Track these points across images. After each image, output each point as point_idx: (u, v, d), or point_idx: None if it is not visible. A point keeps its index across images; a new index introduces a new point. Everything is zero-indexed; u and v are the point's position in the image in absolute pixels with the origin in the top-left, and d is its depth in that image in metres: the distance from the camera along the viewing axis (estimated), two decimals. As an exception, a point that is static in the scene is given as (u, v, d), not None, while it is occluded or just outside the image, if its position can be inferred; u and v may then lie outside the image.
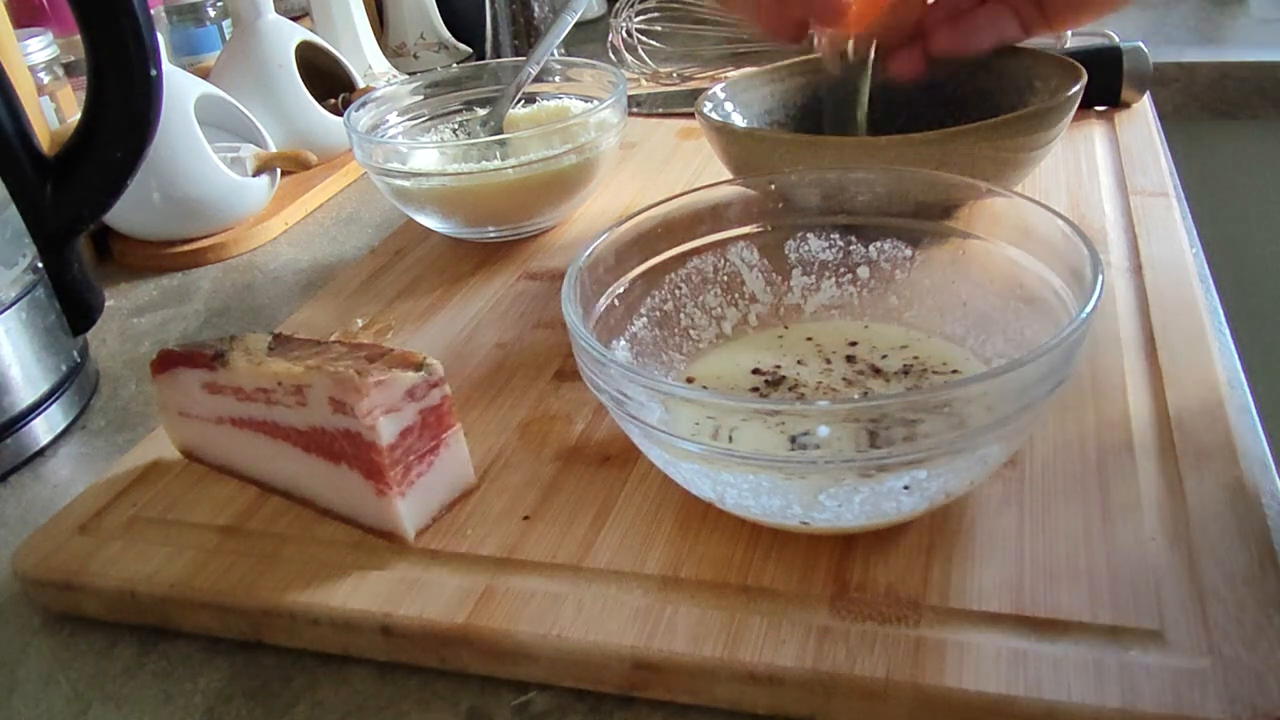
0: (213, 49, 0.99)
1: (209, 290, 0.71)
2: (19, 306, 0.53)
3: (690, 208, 0.46)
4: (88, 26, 0.53)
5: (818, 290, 0.48)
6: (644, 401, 0.35)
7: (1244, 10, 1.07)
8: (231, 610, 0.39)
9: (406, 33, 1.14)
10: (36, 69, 0.77)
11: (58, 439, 0.55)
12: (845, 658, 0.33)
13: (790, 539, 0.38)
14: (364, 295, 0.62)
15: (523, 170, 0.61)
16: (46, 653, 0.40)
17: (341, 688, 0.37)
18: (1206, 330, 0.47)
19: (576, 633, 0.35)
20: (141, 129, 0.55)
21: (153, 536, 0.42)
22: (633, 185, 0.74)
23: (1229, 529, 0.36)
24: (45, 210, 0.55)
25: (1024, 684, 0.31)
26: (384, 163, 0.63)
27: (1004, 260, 0.43)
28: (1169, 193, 0.62)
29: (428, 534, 0.40)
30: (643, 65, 0.96)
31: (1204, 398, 0.42)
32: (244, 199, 0.75)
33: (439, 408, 0.40)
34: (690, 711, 0.34)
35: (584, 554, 0.38)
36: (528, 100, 0.73)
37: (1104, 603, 0.33)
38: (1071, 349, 0.34)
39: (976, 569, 0.35)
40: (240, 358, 0.42)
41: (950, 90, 0.64)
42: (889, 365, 0.44)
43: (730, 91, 0.63)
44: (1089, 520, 0.37)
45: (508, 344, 0.54)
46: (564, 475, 0.43)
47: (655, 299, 0.46)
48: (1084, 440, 0.41)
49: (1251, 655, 0.31)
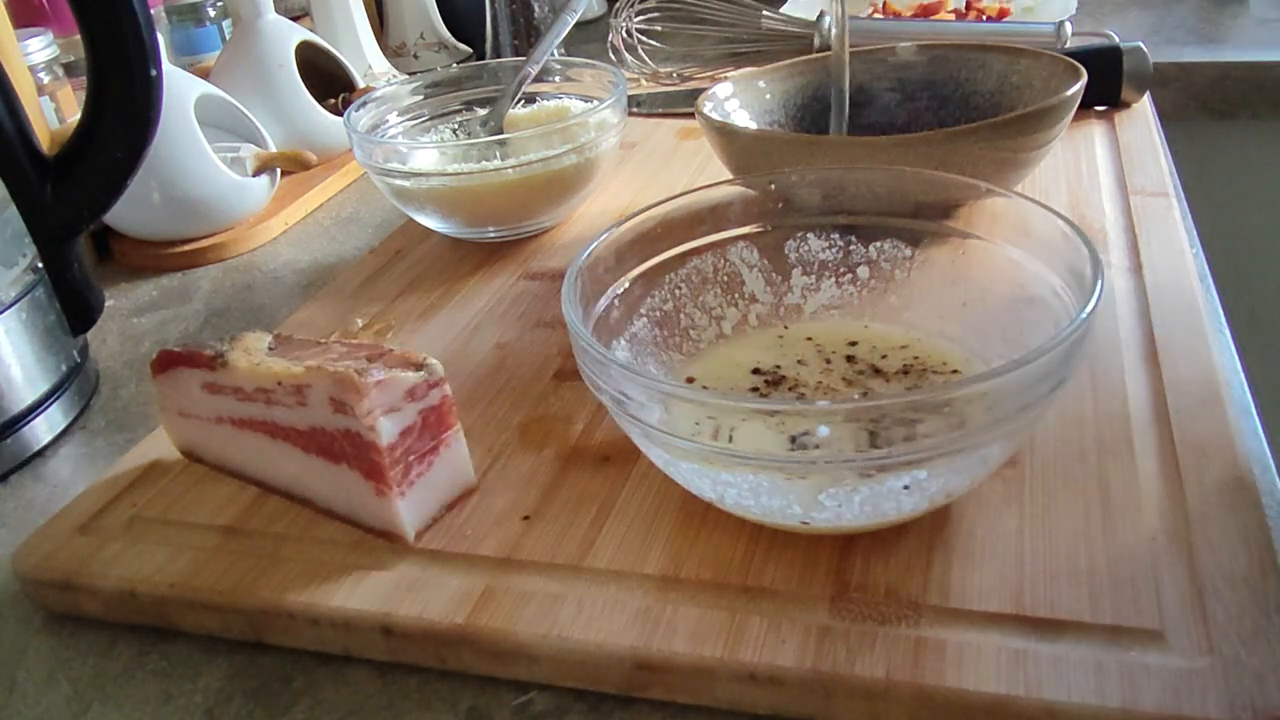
0: (213, 49, 0.99)
1: (209, 290, 0.71)
2: (19, 306, 0.53)
3: (690, 208, 0.46)
4: (88, 26, 0.53)
5: (818, 290, 0.48)
6: (644, 401, 0.35)
7: (1244, 10, 1.07)
8: (231, 610, 0.39)
9: (406, 33, 1.14)
10: (36, 69, 0.77)
11: (58, 439, 0.55)
12: (845, 658, 0.33)
13: (790, 539, 0.38)
14: (364, 295, 0.62)
15: (523, 170, 0.61)
16: (46, 653, 0.40)
17: (341, 688, 0.37)
18: (1206, 330, 0.47)
19: (576, 633, 0.35)
20: (141, 129, 0.55)
21: (153, 536, 0.42)
22: (633, 185, 0.74)
23: (1229, 529, 0.36)
24: (45, 210, 0.55)
25: (1024, 684, 0.31)
26: (384, 163, 0.63)
27: (1004, 260, 0.43)
28: (1169, 193, 0.62)
29: (428, 534, 0.40)
30: (643, 65, 0.96)
31: (1204, 398, 0.42)
32: (244, 199, 0.75)
33: (439, 408, 0.40)
34: (690, 711, 0.34)
35: (584, 554, 0.38)
36: (528, 100, 0.73)
37: (1104, 603, 0.33)
38: (1071, 349, 0.34)
39: (976, 569, 0.35)
40: (240, 358, 0.42)
41: (950, 90, 0.64)
42: (889, 365, 0.44)
43: (730, 91, 0.63)
44: (1089, 520, 0.37)
45: (508, 344, 0.54)
46: (564, 475, 0.43)
47: (655, 299, 0.46)
48: (1084, 440, 0.41)
49: (1251, 655, 0.31)
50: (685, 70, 0.97)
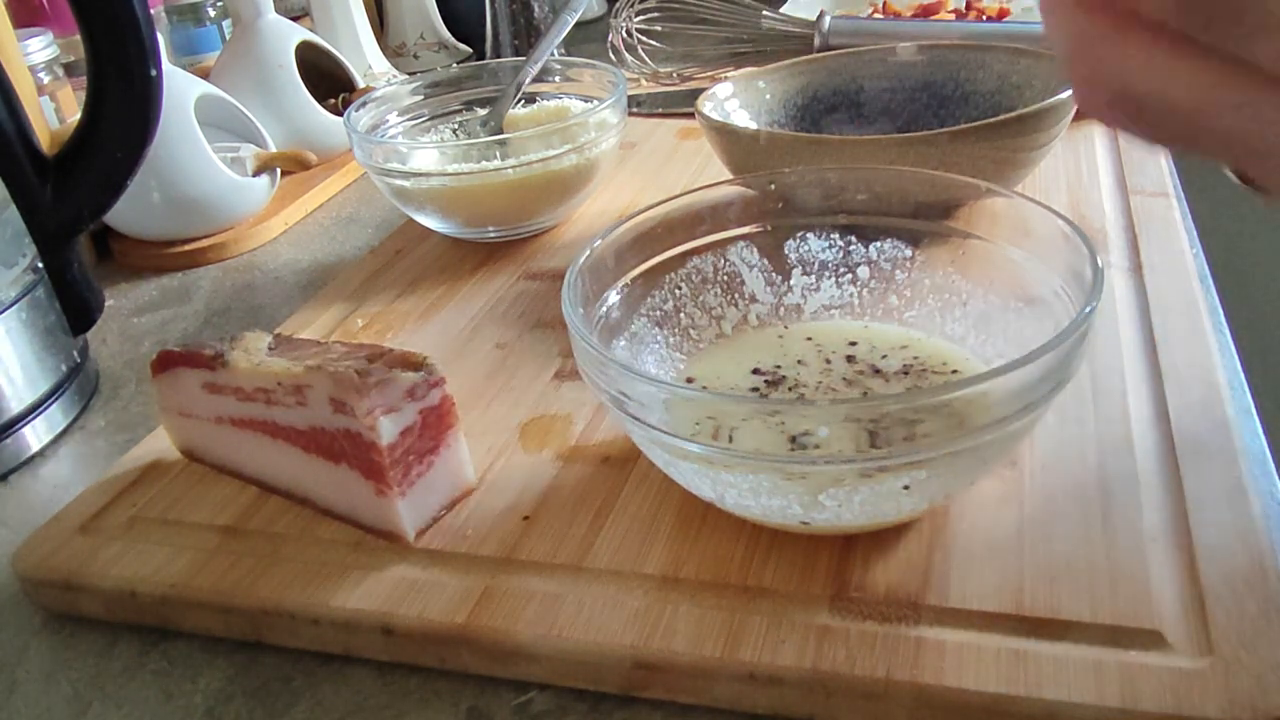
0: (213, 49, 0.99)
1: (209, 290, 0.71)
2: (19, 306, 0.53)
3: (690, 208, 0.46)
4: (88, 26, 0.53)
5: (818, 290, 0.48)
6: (644, 401, 0.35)
7: (1244, 10, 1.06)
8: (231, 610, 0.39)
9: (406, 33, 1.14)
10: (36, 69, 0.77)
11: (58, 439, 0.55)
12: (845, 658, 0.33)
13: (790, 539, 0.38)
14: (364, 295, 0.62)
15: (523, 170, 0.61)
16: (46, 653, 0.40)
17: (341, 688, 0.37)
18: (1206, 330, 0.47)
19: (576, 633, 0.35)
20: (141, 129, 0.55)
21: (153, 536, 0.42)
22: (633, 185, 0.74)
23: (1229, 529, 0.36)
24: (45, 210, 0.55)
25: (1024, 684, 0.31)
26: (384, 163, 0.63)
27: (1004, 260, 0.43)
28: (1169, 193, 0.62)
29: (428, 534, 0.40)
30: (643, 65, 0.96)
31: (1204, 398, 0.42)
32: (244, 199, 0.75)
33: (439, 408, 0.40)
34: (690, 711, 0.34)
35: (584, 554, 0.38)
36: (528, 100, 0.73)
37: (1104, 603, 0.33)
38: (1072, 349, 0.34)
39: (976, 569, 0.35)
40: (240, 358, 0.42)
41: (950, 90, 0.64)
42: (889, 365, 0.44)
43: (730, 91, 0.63)
44: (1089, 520, 0.37)
45: (508, 344, 0.54)
46: (564, 475, 0.43)
47: (655, 299, 0.46)
48: (1084, 440, 0.41)
49: (1251, 655, 0.31)
50: (685, 70, 0.96)
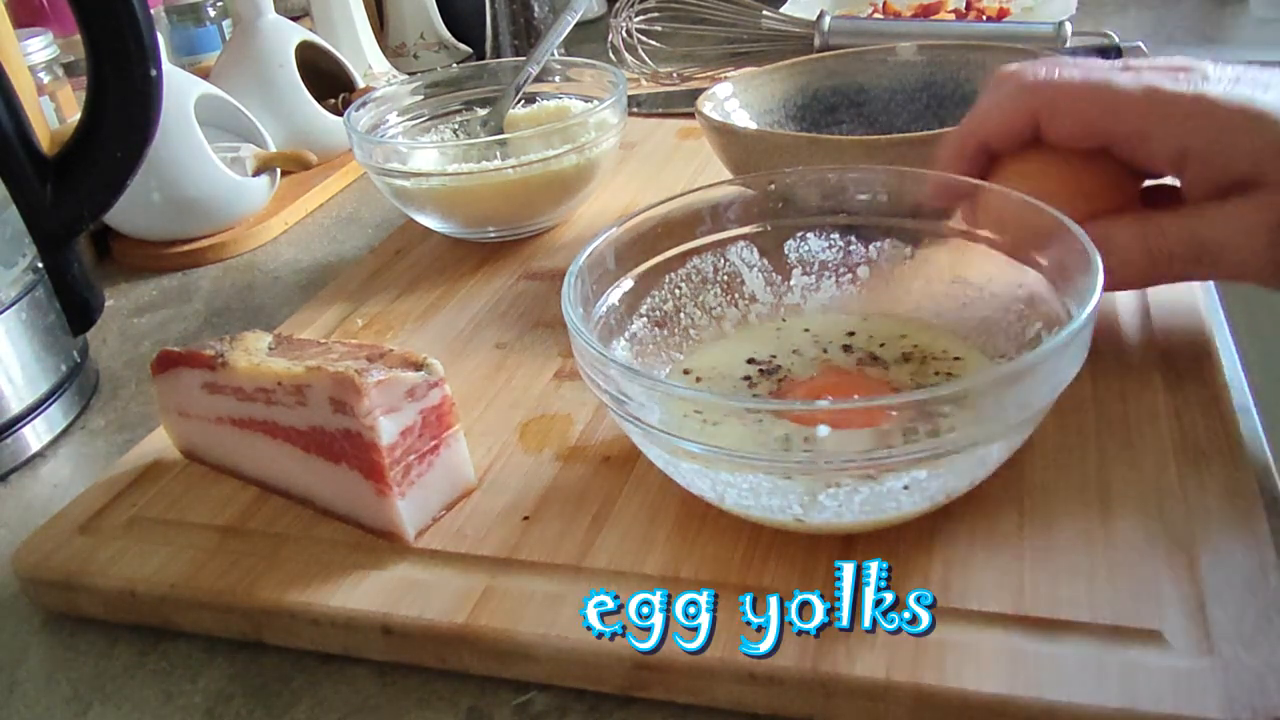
0: (213, 49, 0.99)
1: (209, 290, 0.71)
2: (19, 306, 0.53)
3: (690, 208, 0.46)
4: (88, 26, 0.53)
5: (817, 290, 0.48)
6: (644, 401, 0.35)
7: (1244, 10, 1.07)
8: (231, 610, 0.39)
9: (406, 33, 1.14)
10: (36, 69, 0.77)
11: (58, 439, 0.55)
12: (845, 658, 0.33)
13: (790, 539, 0.38)
14: (364, 295, 0.62)
15: (523, 170, 0.61)
16: (46, 653, 0.40)
17: (341, 688, 0.37)
18: (1207, 330, 0.47)
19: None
20: (141, 129, 0.55)
21: (153, 536, 0.42)
22: (633, 185, 0.74)
23: (1229, 529, 0.36)
24: (45, 210, 0.55)
25: (1024, 684, 0.31)
26: (384, 163, 0.63)
27: (1004, 260, 0.43)
28: (1169, 193, 0.62)
29: (428, 534, 0.40)
30: (643, 65, 0.96)
31: (1204, 397, 0.42)
32: (244, 199, 0.75)
33: (439, 408, 0.40)
34: (690, 711, 0.34)
35: (584, 554, 0.38)
36: (528, 100, 0.73)
37: (1104, 603, 0.33)
38: (1072, 349, 0.34)
39: (976, 569, 0.35)
40: (240, 358, 0.42)
41: (950, 90, 0.64)
42: (888, 353, 0.44)
43: (730, 91, 0.63)
44: (1089, 520, 0.37)
45: (508, 344, 0.54)
46: (564, 475, 0.43)
47: (655, 299, 0.46)
48: (1084, 440, 0.41)
49: (1251, 655, 0.31)
50: (685, 70, 0.96)
